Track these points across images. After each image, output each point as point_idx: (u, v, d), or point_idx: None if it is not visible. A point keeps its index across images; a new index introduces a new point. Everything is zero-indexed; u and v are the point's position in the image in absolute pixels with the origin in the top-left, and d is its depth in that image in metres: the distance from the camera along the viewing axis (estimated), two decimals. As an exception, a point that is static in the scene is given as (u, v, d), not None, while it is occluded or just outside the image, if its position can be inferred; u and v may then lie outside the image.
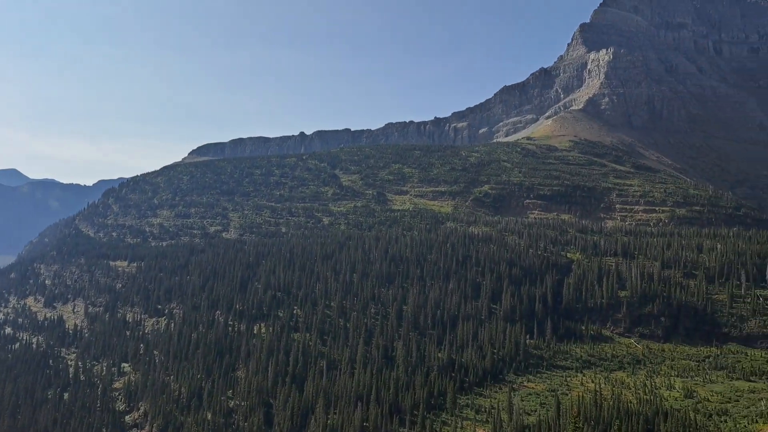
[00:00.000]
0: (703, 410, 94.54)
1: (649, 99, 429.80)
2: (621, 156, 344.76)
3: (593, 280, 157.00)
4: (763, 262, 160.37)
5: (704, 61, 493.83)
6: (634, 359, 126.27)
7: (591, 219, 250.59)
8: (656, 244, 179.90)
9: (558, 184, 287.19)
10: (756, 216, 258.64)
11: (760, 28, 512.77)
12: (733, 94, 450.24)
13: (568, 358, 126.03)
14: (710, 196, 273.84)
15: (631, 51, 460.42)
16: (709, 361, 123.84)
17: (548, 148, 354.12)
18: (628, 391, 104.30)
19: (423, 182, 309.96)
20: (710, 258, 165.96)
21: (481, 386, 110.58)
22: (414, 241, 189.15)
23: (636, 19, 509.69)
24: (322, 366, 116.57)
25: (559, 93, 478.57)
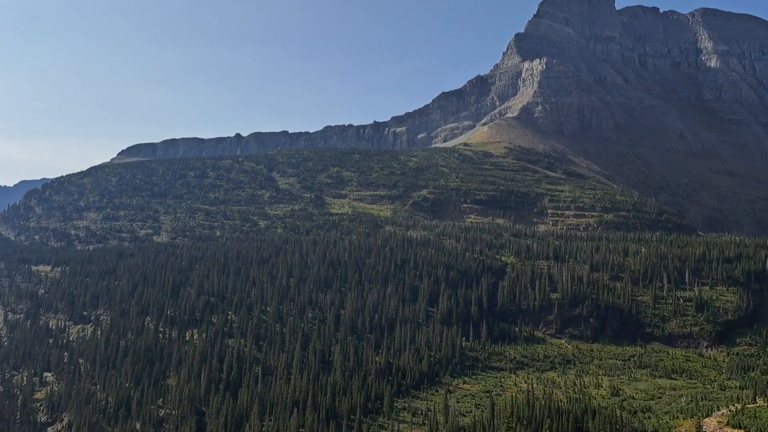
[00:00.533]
0: (629, 407, 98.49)
1: (580, 108, 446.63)
2: (553, 163, 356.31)
3: (526, 283, 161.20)
4: (683, 265, 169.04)
5: (630, 73, 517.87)
6: (564, 359, 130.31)
7: (525, 223, 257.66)
8: (585, 248, 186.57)
9: (494, 190, 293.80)
10: (677, 221, 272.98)
11: (681, 43, 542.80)
12: (657, 105, 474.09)
13: (502, 359, 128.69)
14: (635, 202, 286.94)
15: (563, 62, 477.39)
16: (634, 360, 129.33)
17: (484, 154, 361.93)
18: (559, 391, 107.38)
19: (362, 186, 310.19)
20: (635, 261, 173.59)
21: (418, 389, 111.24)
22: (353, 245, 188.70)
23: (567, 31, 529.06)
24: (258, 372, 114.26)
25: (495, 100, 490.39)
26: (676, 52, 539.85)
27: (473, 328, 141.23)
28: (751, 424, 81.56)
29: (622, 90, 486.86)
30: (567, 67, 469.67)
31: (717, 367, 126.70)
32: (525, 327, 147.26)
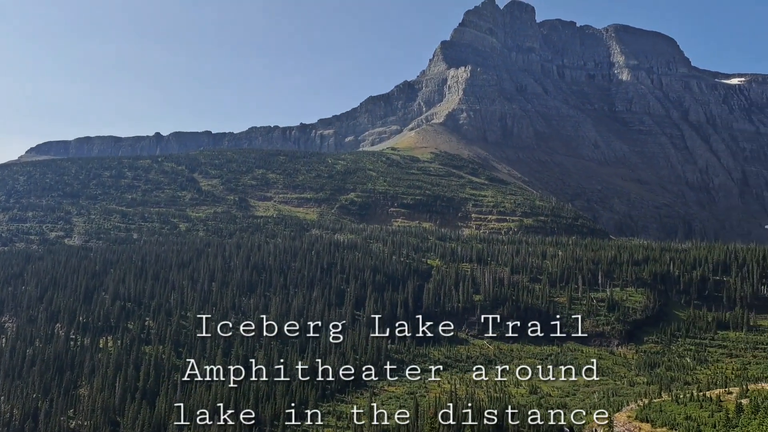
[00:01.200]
0: (546, 405, 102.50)
1: (502, 116, 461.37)
2: (477, 168, 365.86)
3: (451, 286, 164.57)
4: (596, 267, 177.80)
5: (549, 83, 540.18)
6: (486, 359, 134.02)
7: (450, 227, 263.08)
8: (507, 251, 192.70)
9: (420, 194, 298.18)
10: (591, 226, 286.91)
11: (596, 56, 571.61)
12: (573, 115, 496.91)
13: (427, 361, 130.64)
14: (553, 207, 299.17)
15: (487, 70, 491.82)
16: (551, 359, 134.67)
17: (411, 158, 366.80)
18: (481, 390, 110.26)
19: (288, 188, 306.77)
20: (553, 264, 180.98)
21: (343, 392, 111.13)
22: (278, 249, 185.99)
23: (491, 40, 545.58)
24: (177, 379, 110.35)
25: (421, 106, 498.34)
26: (591, 65, 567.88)
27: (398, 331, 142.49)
28: (657, 417, 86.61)
29: (542, 99, 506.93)
30: (490, 76, 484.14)
31: (627, 364, 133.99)
32: (449, 328, 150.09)
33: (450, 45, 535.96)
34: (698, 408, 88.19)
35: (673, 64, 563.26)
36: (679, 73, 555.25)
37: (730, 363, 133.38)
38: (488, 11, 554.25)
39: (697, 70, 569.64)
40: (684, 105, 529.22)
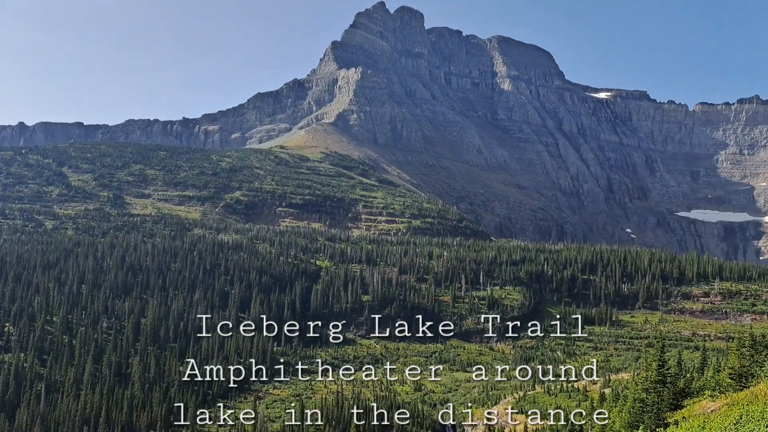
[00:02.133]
0: (429, 401, 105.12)
1: (392, 119, 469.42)
2: (367, 170, 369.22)
3: (340, 286, 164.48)
4: (478, 267, 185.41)
5: (437, 89, 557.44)
6: (373, 359, 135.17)
7: (340, 228, 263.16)
8: (395, 252, 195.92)
9: (310, 194, 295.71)
10: (474, 228, 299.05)
11: (480, 65, 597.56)
12: (459, 121, 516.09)
13: (314, 362, 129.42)
14: (440, 209, 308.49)
15: (377, 73, 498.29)
16: (435, 356, 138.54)
17: (301, 158, 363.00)
18: (367, 390, 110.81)
19: (168, 186, 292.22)
20: (438, 264, 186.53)
21: (225, 397, 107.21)
22: (156, 249, 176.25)
23: (381, 43, 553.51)
24: (40, 389, 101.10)
25: (311, 105, 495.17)
26: (476, 73, 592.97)
27: (285, 333, 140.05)
28: (531, 408, 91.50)
29: (430, 105, 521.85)
30: (381, 79, 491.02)
31: (505, 359, 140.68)
32: (337, 329, 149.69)
33: (341, 46, 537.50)
34: (567, 398, 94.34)
35: (550, 76, 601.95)
36: (554, 86, 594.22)
37: (595, 355, 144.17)
38: (379, 15, 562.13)
39: (570, 84, 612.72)
40: (558, 116, 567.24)
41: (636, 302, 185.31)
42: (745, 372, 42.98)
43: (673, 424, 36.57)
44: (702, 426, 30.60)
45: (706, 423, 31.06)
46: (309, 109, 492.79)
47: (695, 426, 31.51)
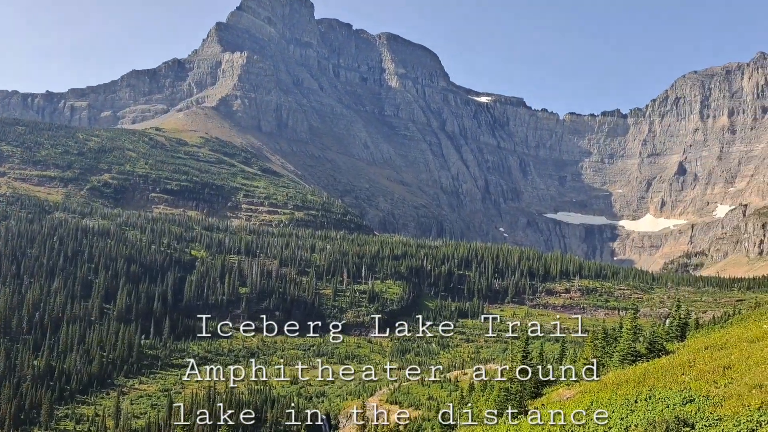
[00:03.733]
0: (306, 393, 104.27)
1: (278, 107, 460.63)
2: (250, 158, 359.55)
3: (216, 277, 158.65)
4: (361, 261, 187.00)
5: (325, 80, 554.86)
6: (249, 352, 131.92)
7: (218, 217, 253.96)
8: (276, 244, 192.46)
9: (187, 180, 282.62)
10: (358, 222, 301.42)
11: (369, 60, 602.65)
12: (346, 114, 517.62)
13: (185, 355, 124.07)
14: (324, 202, 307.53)
15: (264, 59, 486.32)
16: (314, 349, 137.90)
17: (178, 141, 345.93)
18: (242, 384, 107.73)
19: (27, 164, 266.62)
20: (321, 257, 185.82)
21: (85, 393, 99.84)
22: (10, 232, 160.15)
23: (269, 29, 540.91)
24: None
25: (192, 87, 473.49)
26: (364, 68, 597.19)
27: (155, 326, 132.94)
28: (405, 399, 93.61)
29: (318, 96, 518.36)
30: (267, 65, 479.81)
31: (382, 352, 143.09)
32: (212, 322, 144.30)
33: (226, 28, 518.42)
34: (439, 388, 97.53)
35: (435, 77, 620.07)
36: (439, 87, 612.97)
37: (467, 347, 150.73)
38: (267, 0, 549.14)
39: (454, 86, 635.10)
40: (443, 116, 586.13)
41: (506, 297, 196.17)
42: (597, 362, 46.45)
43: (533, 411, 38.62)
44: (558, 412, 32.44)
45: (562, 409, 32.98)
46: (189, 92, 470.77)
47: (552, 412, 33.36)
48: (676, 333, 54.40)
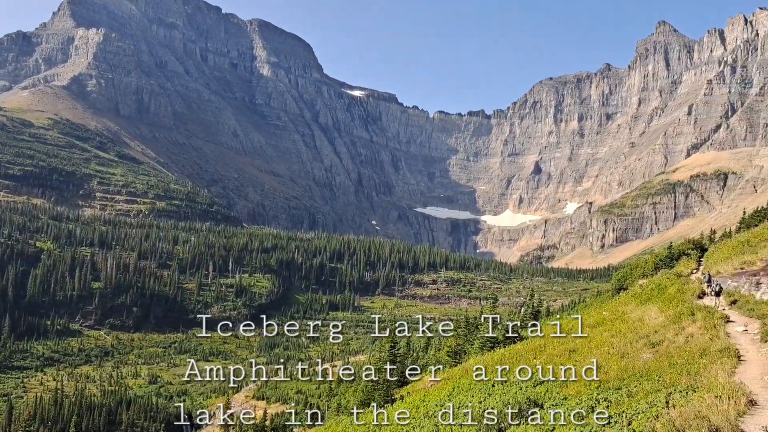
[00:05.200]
0: (165, 393, 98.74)
1: (138, 90, 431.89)
2: (106, 143, 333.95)
3: (65, 272, 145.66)
4: (228, 254, 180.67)
5: (192, 64, 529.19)
6: (102, 351, 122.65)
7: (68, 206, 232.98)
8: (135, 235, 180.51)
9: (32, 165, 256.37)
10: (225, 213, 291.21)
11: (239, 46, 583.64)
12: (215, 101, 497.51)
13: (28, 356, 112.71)
14: (189, 191, 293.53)
15: (123, 38, 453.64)
16: (175, 347, 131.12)
17: (22, 122, 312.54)
18: (93, 385, 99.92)
19: None
20: (184, 250, 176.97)
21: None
22: None
23: (130, 7, 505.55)
24: None
25: (39, 63, 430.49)
26: (234, 54, 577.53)
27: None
28: (272, 394, 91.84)
29: (183, 80, 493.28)
30: (127, 45, 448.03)
31: (250, 347, 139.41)
32: (59, 320, 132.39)
33: (80, 1, 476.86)
34: (308, 382, 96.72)
35: (309, 68, 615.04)
36: (313, 78, 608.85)
37: (337, 340, 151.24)
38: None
39: (328, 78, 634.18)
40: (316, 107, 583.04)
41: (376, 289, 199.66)
42: (460, 350, 48.18)
43: (399, 399, 39.14)
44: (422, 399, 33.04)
45: (425, 396, 33.63)
46: (36, 68, 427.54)
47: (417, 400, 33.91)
48: (530, 320, 57.92)
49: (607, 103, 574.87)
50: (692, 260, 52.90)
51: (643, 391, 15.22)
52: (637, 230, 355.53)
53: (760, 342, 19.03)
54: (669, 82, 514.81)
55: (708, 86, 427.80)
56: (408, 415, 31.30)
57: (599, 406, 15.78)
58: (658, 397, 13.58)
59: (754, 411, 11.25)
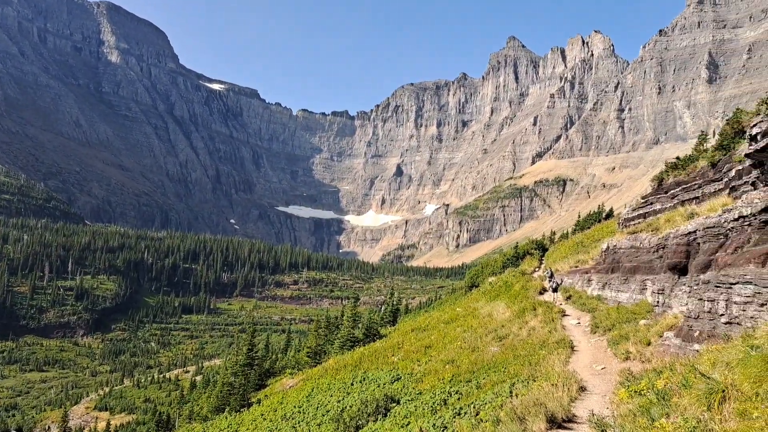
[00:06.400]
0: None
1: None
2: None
3: None
4: (67, 254, 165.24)
5: (28, 45, 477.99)
6: None
7: None
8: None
9: None
10: (65, 209, 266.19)
11: (84, 29, 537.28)
12: (54, 86, 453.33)
13: None
14: (22, 185, 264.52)
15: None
16: (3, 356, 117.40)
17: None
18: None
19: None
20: (16, 249, 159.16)
21: None
22: None
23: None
24: None
25: None
26: (78, 37, 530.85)
27: None
28: (117, 404, 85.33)
29: (17, 62, 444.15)
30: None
31: (91, 354, 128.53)
32: None
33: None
34: (158, 389, 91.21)
35: (163, 57, 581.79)
36: (168, 68, 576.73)
37: (190, 344, 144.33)
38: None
39: (184, 69, 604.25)
40: (171, 99, 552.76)
41: (234, 290, 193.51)
42: (320, 350, 47.97)
43: (256, 403, 38.09)
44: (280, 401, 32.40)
45: (284, 398, 33.02)
46: None
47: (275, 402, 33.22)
48: (390, 318, 59.27)
49: (463, 110, 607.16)
50: (535, 259, 57.35)
51: (491, 382, 15.96)
52: (489, 231, 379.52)
53: (590, 333, 20.82)
54: (518, 94, 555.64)
55: (551, 100, 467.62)
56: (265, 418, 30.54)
57: (451, 399, 16.30)
58: (503, 387, 14.27)
59: (584, 396, 12.17)
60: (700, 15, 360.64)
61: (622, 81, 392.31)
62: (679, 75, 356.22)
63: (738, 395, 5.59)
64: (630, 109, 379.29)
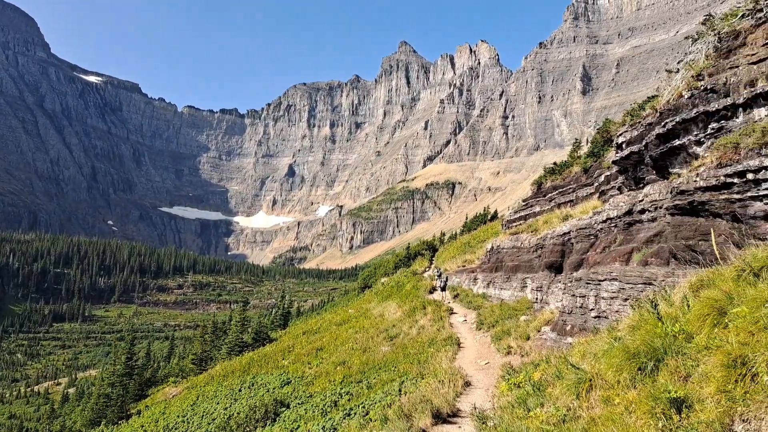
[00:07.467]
0: None
1: None
2: None
3: None
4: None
5: None
6: None
7: None
8: None
9: None
10: None
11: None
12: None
13: None
14: None
15: None
16: None
17: None
18: None
19: None
20: None
21: None
22: None
23: None
24: None
25: None
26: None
27: None
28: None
29: None
30: None
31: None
32: None
33: None
34: (25, 404, 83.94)
35: (32, 45, 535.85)
36: (37, 57, 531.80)
37: (62, 354, 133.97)
38: None
39: (56, 59, 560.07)
40: (40, 91, 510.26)
41: (112, 296, 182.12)
42: (206, 356, 46.28)
43: (136, 414, 36.03)
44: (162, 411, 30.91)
45: (166, 408, 31.52)
46: None
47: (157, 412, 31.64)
48: (281, 321, 58.42)
49: (356, 112, 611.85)
50: (425, 259, 59.01)
51: (381, 381, 16.14)
52: (382, 232, 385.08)
53: (476, 330, 21.69)
54: (410, 98, 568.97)
55: (441, 105, 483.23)
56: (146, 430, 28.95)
57: (342, 400, 16.31)
58: (393, 386, 14.49)
59: (469, 391, 12.64)
60: (576, 30, 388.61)
61: (506, 89, 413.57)
62: (557, 86, 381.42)
63: (603, 384, 6.04)
64: (513, 117, 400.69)
